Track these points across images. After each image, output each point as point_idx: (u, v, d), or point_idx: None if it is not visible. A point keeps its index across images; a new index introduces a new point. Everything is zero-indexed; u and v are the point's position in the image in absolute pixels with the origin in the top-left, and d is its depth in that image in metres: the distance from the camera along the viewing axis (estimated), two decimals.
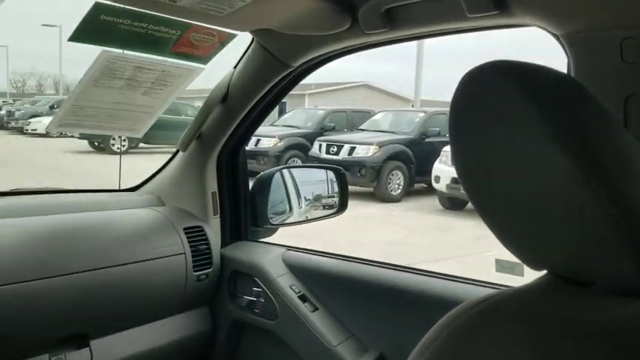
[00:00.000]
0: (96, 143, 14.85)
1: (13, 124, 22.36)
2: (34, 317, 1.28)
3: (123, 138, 14.50)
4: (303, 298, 1.55)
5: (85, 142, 15.12)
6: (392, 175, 9.92)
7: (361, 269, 1.51)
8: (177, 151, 1.75)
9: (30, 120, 20.92)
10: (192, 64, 1.45)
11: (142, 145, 14.07)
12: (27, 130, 20.89)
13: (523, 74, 0.56)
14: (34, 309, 1.27)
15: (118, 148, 14.13)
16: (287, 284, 1.57)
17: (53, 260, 1.33)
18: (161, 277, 1.53)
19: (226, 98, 1.57)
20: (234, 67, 1.56)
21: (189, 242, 1.60)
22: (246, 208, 1.78)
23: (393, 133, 10.91)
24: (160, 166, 1.84)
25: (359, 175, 9.65)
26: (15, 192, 1.66)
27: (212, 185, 1.71)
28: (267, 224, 1.80)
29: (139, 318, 1.52)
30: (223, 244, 1.73)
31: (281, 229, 1.89)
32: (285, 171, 1.97)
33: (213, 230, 1.69)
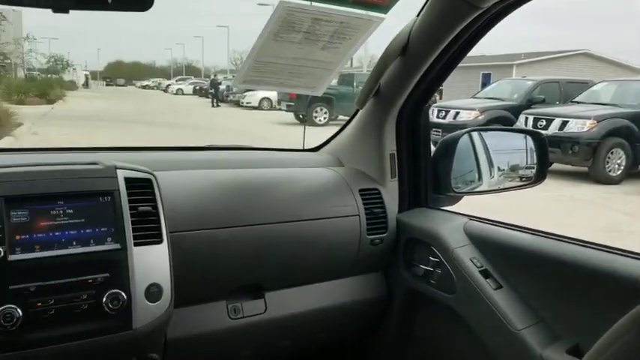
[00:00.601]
0: (300, 116, 15.79)
1: (231, 97, 24.91)
2: (216, 264, 1.33)
3: (324, 111, 15.28)
4: (485, 274, 1.40)
5: (291, 114, 16.18)
6: (611, 153, 8.87)
7: (557, 247, 1.30)
8: (358, 110, 1.69)
9: (245, 94, 23.07)
10: (371, 14, 1.36)
11: (340, 117, 14.60)
12: (242, 103, 23.16)
13: None
14: (217, 256, 1.33)
15: (320, 120, 14.89)
16: (467, 256, 1.43)
17: (237, 211, 1.38)
18: (335, 236, 1.50)
19: (406, 50, 1.45)
20: (417, 15, 1.43)
21: (364, 204, 1.55)
22: (427, 172, 1.66)
23: (615, 106, 9.73)
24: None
25: (571, 152, 8.79)
26: (208, 147, 1.76)
27: (390, 146, 1.62)
28: (450, 192, 1.66)
29: (313, 275, 1.51)
30: (400, 209, 1.64)
31: (465, 199, 1.74)
32: (475, 134, 1.80)
33: (389, 194, 1.61)
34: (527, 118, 10.04)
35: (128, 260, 1.11)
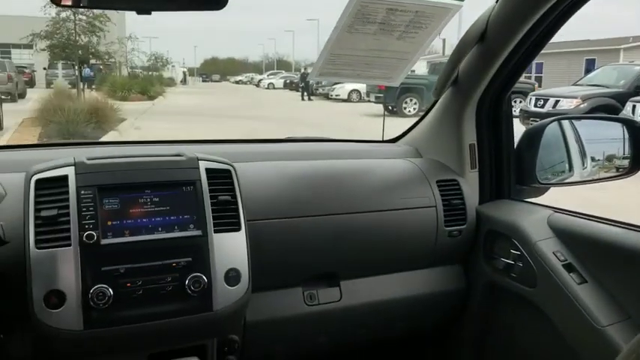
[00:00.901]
0: (389, 107, 15.64)
1: (320, 90, 25.13)
2: (291, 252, 1.38)
3: (414, 101, 15.05)
4: (568, 268, 1.34)
5: (380, 106, 16.06)
6: None
7: None
8: (436, 101, 1.66)
9: (334, 86, 23.20)
10: (448, 2, 1.33)
11: None
12: (331, 95, 23.30)
13: None
14: (292, 244, 1.37)
15: (409, 111, 14.68)
16: (550, 250, 1.38)
17: (312, 201, 1.41)
18: (411, 228, 1.49)
19: (485, 37, 1.41)
20: (496, 1, 1.38)
21: (442, 196, 1.53)
22: (509, 163, 1.60)
23: None
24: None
25: None
26: (287, 139, 1.81)
27: (470, 136, 1.58)
28: (535, 183, 1.61)
29: (389, 266, 1.52)
30: (481, 201, 1.60)
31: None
32: (565, 123, 1.72)
33: (469, 185, 1.58)
34: (634, 106, 9.34)
35: (209, 246, 1.17)
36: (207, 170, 1.24)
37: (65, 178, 1.14)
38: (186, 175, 1.22)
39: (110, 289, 1.09)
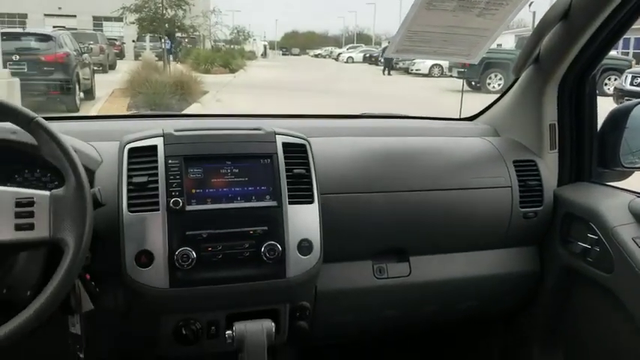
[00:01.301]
0: (472, 83, 15.17)
1: (400, 64, 24.75)
2: (362, 226, 1.41)
3: (499, 77, 14.50)
4: None
5: (461, 81, 15.60)
6: None
7: None
8: (517, 78, 1.63)
9: (414, 61, 22.75)
10: None
11: None
12: (411, 70, 22.88)
13: None
14: (364, 218, 1.41)
15: (493, 87, 14.17)
16: (630, 236, 1.33)
17: (383, 177, 1.44)
18: (484, 208, 1.48)
19: (568, 14, 1.36)
20: None
21: (518, 176, 1.51)
22: (591, 145, 1.55)
23: None
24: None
25: None
26: (363, 115, 1.84)
27: (550, 116, 1.54)
28: (618, 166, 1.55)
29: (459, 245, 1.52)
30: (560, 183, 1.57)
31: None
32: None
33: (547, 166, 1.55)
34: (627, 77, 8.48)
35: (283, 216, 1.23)
36: (284, 144, 1.29)
37: (155, 147, 1.23)
38: (264, 148, 1.27)
39: (193, 252, 1.17)
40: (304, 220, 1.25)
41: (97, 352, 1.19)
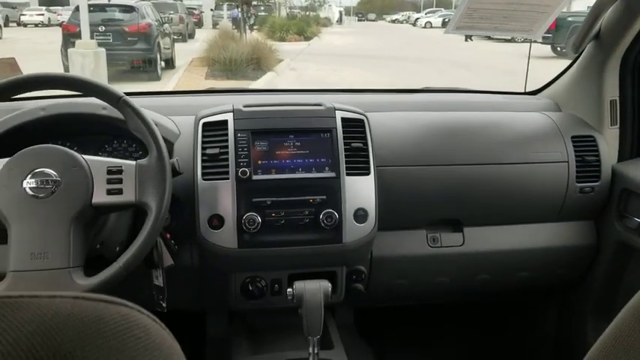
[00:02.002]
0: (558, 48, 14.43)
1: None
2: (417, 197, 1.48)
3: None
4: None
5: (548, 47, 14.86)
6: None
7: None
8: (581, 53, 1.62)
9: None
10: None
11: None
12: (494, 34, 21.94)
13: None
14: (418, 190, 1.47)
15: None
16: None
17: (439, 151, 1.49)
18: (540, 182, 1.51)
19: None
20: None
21: (576, 152, 1.52)
22: None
23: None
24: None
25: None
26: (424, 90, 1.88)
27: (612, 92, 1.54)
28: None
29: (514, 217, 1.56)
30: (621, 159, 1.57)
31: None
32: None
33: (607, 142, 1.55)
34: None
35: (341, 187, 1.33)
36: (343, 119, 1.38)
37: (225, 122, 1.35)
38: (324, 123, 1.37)
39: (259, 217, 1.30)
40: (360, 191, 1.35)
41: (177, 303, 1.35)
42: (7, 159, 1.08)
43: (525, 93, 1.88)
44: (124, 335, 0.33)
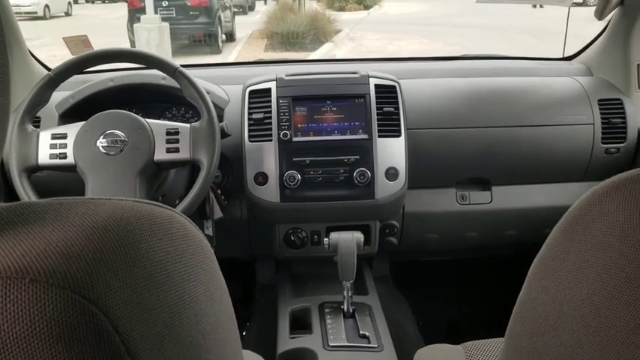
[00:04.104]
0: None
1: None
2: (447, 158, 1.58)
3: None
4: None
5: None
6: None
7: None
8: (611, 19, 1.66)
9: None
10: None
11: None
12: None
13: None
14: (449, 150, 1.58)
15: None
16: None
17: (470, 113, 1.59)
18: (565, 143, 1.58)
19: None
20: None
21: (602, 114, 1.58)
22: None
23: None
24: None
25: None
26: (461, 57, 1.96)
27: (638, 56, 1.58)
28: None
29: (541, 177, 1.64)
30: None
31: None
32: None
33: (634, 104, 1.60)
34: None
35: (373, 148, 1.46)
36: (376, 86, 1.51)
37: (269, 90, 1.51)
38: (358, 89, 1.50)
39: (298, 175, 1.46)
40: (391, 151, 1.48)
41: (228, 251, 1.53)
42: (82, 122, 1.28)
43: (561, 59, 1.93)
44: (169, 227, 0.48)
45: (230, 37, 11.99)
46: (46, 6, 15.74)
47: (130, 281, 0.41)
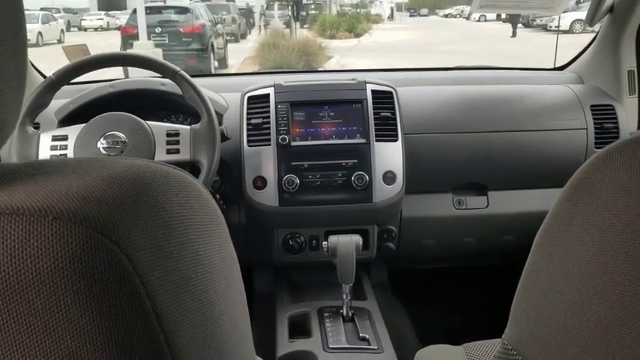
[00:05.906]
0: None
1: (537, 21, 23.22)
2: (444, 162, 1.60)
3: None
4: None
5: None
6: None
7: None
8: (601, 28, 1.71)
9: (552, 17, 21.21)
10: None
11: None
12: (550, 27, 21.40)
13: None
14: (445, 155, 1.60)
15: None
16: None
17: (465, 119, 1.61)
18: (560, 148, 1.61)
19: None
20: None
21: (595, 119, 1.61)
22: None
23: None
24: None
25: None
26: (455, 68, 2.00)
27: (629, 63, 1.62)
28: None
29: (535, 182, 1.66)
30: None
31: None
32: None
33: (626, 110, 1.63)
34: None
35: (371, 152, 1.48)
36: (373, 91, 1.53)
37: (267, 95, 1.53)
38: (355, 95, 1.53)
39: (297, 179, 1.47)
40: (389, 155, 1.49)
41: None
42: (83, 124, 1.29)
43: (553, 69, 1.97)
44: (184, 185, 0.49)
45: (222, 64, 12.10)
46: (39, 33, 15.88)
47: (149, 228, 0.41)
